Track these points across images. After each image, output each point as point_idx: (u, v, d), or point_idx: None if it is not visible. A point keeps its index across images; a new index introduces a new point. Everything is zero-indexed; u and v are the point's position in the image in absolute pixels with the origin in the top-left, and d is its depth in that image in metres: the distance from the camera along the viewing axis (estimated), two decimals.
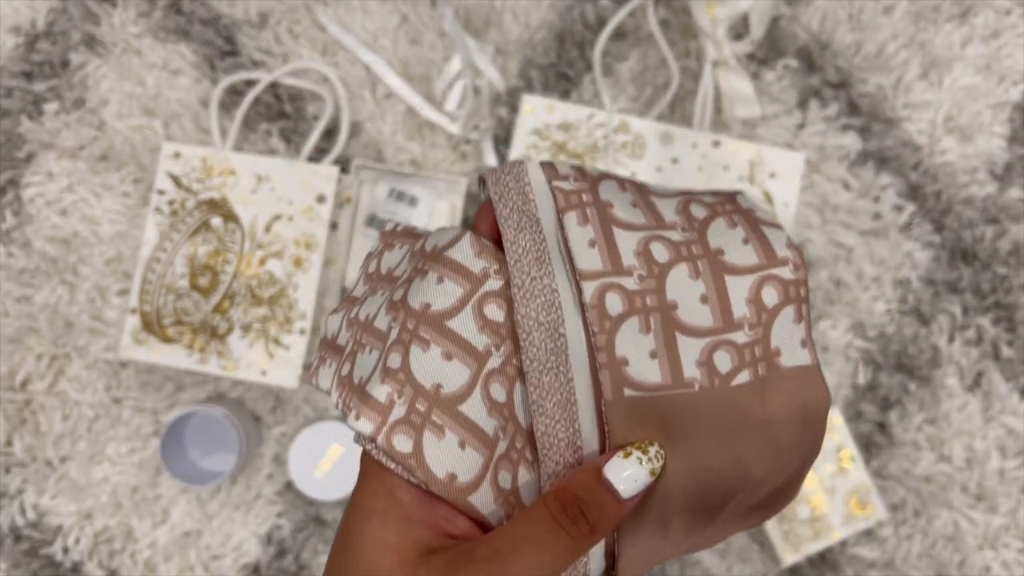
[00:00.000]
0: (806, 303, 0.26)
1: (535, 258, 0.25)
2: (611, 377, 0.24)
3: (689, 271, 0.25)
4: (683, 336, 0.25)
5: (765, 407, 0.24)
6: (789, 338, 0.25)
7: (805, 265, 0.26)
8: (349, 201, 0.77)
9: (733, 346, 0.25)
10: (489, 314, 0.25)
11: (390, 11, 0.80)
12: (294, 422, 0.78)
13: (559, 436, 0.24)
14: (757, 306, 0.25)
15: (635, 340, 0.24)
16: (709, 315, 0.25)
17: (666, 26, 0.80)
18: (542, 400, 0.24)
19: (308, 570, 0.77)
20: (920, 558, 0.76)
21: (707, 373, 0.25)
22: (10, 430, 0.78)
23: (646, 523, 0.25)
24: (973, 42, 0.80)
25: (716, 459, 0.24)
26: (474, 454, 0.25)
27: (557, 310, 0.25)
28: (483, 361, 0.25)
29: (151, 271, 0.74)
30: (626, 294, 0.25)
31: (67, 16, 0.81)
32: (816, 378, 0.25)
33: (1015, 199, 0.79)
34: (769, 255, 0.26)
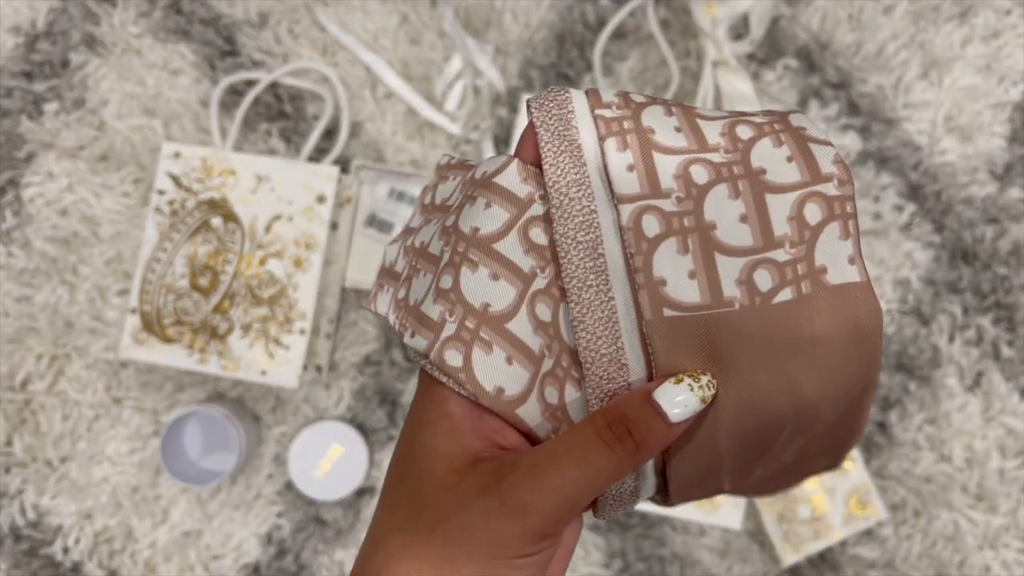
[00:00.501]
0: (853, 219, 0.25)
1: (574, 180, 0.25)
2: (650, 297, 0.24)
3: (728, 191, 0.25)
4: (722, 256, 0.25)
5: (812, 324, 0.24)
6: (835, 255, 0.25)
7: (852, 181, 0.26)
8: (349, 201, 0.77)
9: (774, 264, 0.24)
10: (534, 237, 0.26)
11: (390, 11, 0.80)
12: (294, 422, 0.78)
13: (601, 352, 0.25)
14: (799, 223, 0.25)
15: (673, 260, 0.25)
16: (749, 234, 0.25)
17: (666, 26, 0.80)
18: (583, 316, 0.25)
19: (308, 570, 0.77)
20: (920, 558, 0.76)
21: (747, 292, 0.24)
22: (10, 430, 0.78)
23: (695, 444, 0.25)
24: (973, 42, 0.80)
25: (762, 378, 0.24)
26: (520, 369, 0.25)
27: (596, 230, 0.25)
28: (528, 282, 0.25)
29: (151, 271, 0.74)
30: (663, 216, 0.25)
31: (67, 16, 0.81)
32: (867, 294, 0.25)
33: (1015, 199, 0.79)
34: (813, 172, 0.25)
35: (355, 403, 0.78)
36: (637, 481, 0.26)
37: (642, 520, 0.77)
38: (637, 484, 0.26)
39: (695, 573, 0.77)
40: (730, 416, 0.25)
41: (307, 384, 0.78)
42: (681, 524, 0.77)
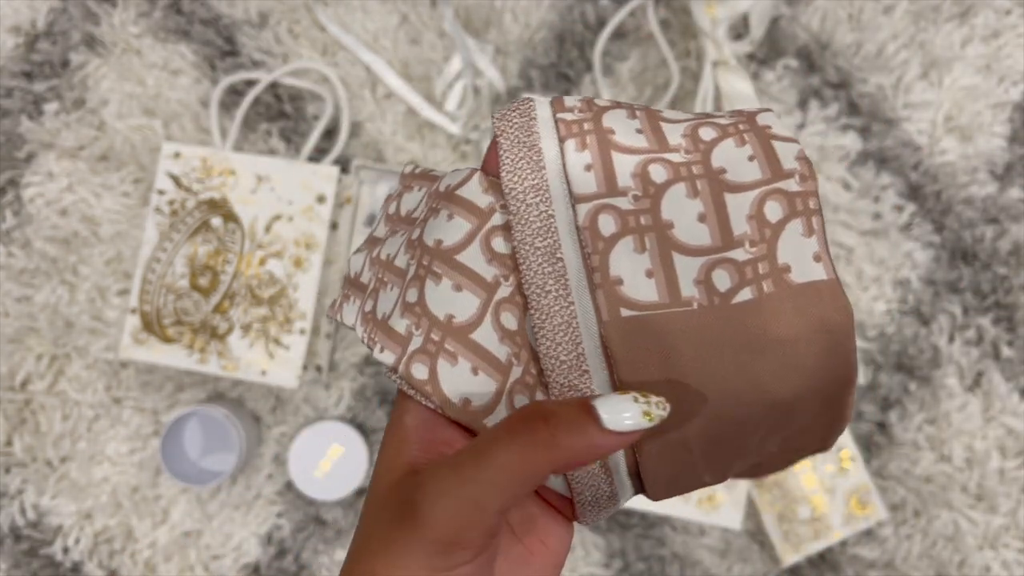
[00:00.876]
0: (817, 215, 0.25)
1: (532, 185, 0.25)
2: (606, 297, 0.24)
3: (687, 190, 0.25)
4: (680, 255, 0.24)
5: (777, 324, 0.24)
6: (799, 252, 0.24)
7: (814, 175, 0.25)
8: (349, 201, 0.77)
9: (733, 264, 0.24)
10: (496, 247, 0.26)
11: (390, 11, 0.80)
12: (294, 422, 0.78)
13: (562, 359, 0.24)
14: (759, 222, 0.24)
15: (630, 259, 0.24)
16: (707, 234, 0.24)
17: (666, 26, 0.80)
18: (542, 322, 0.25)
19: (308, 570, 0.77)
20: (920, 558, 0.76)
21: (706, 291, 0.24)
22: (10, 430, 0.78)
23: (664, 445, 0.25)
24: (973, 42, 0.80)
25: (729, 381, 0.24)
26: (487, 379, 0.25)
27: (553, 234, 0.25)
28: (492, 291, 0.25)
29: (151, 271, 0.74)
30: (620, 214, 0.25)
31: (67, 16, 0.81)
32: (834, 291, 0.24)
33: (1015, 199, 0.79)
34: (775, 169, 0.25)
35: (355, 403, 0.78)
36: (612, 485, 0.26)
37: (642, 520, 0.77)
38: (613, 488, 0.26)
39: (695, 573, 0.77)
40: (696, 415, 0.24)
41: (307, 384, 0.78)
42: (681, 524, 0.77)
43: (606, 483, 0.26)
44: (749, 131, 0.26)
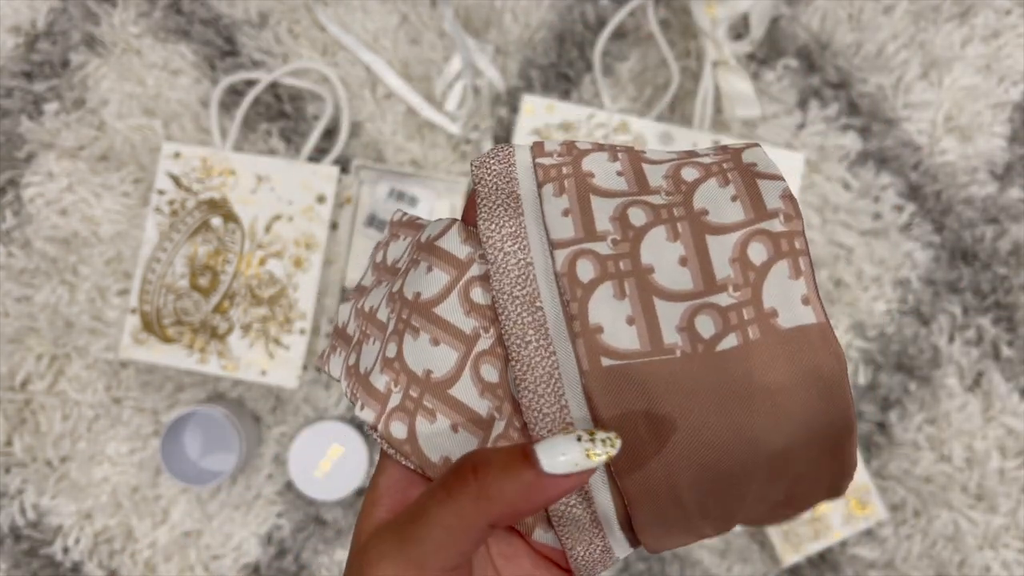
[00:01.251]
0: (804, 256, 0.24)
1: (510, 233, 0.25)
2: (587, 346, 0.23)
3: (667, 233, 0.24)
4: (661, 301, 0.23)
5: (765, 373, 0.23)
6: (786, 296, 0.23)
7: (800, 215, 0.24)
8: (349, 201, 0.77)
9: (716, 309, 0.23)
10: (475, 297, 0.25)
11: (390, 11, 0.80)
12: (294, 422, 0.78)
13: (544, 411, 0.24)
14: (743, 265, 0.23)
15: (610, 306, 0.24)
16: (689, 278, 0.24)
17: (666, 26, 0.80)
18: (524, 374, 0.24)
19: (308, 570, 0.77)
20: (920, 558, 0.76)
21: (689, 338, 0.23)
22: (10, 430, 0.78)
23: (653, 497, 0.24)
24: (973, 42, 0.80)
25: (716, 432, 0.23)
26: (467, 436, 0.25)
27: (532, 283, 0.24)
28: (471, 344, 0.25)
29: (151, 271, 0.74)
30: (598, 259, 0.24)
31: (67, 16, 0.81)
32: (825, 335, 0.23)
33: (1015, 199, 0.79)
34: (758, 209, 0.24)
35: None
36: (604, 540, 0.25)
37: None
38: (605, 543, 0.25)
39: (695, 573, 0.77)
40: (685, 468, 0.23)
41: (307, 384, 0.78)
42: None
43: (598, 537, 0.25)
44: (733, 170, 0.25)
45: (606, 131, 0.76)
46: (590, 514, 0.25)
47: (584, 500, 0.25)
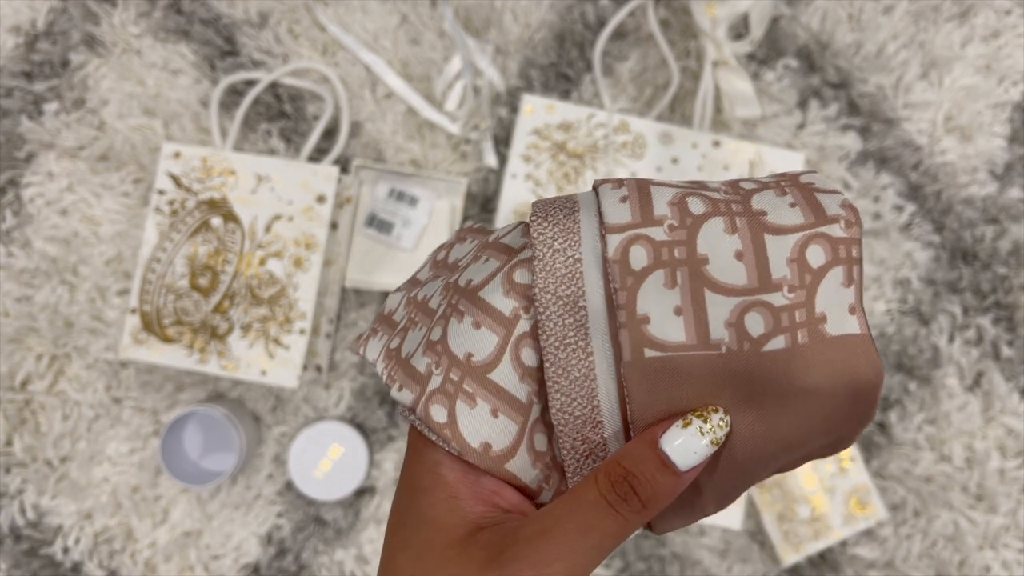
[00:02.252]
0: (858, 265, 0.24)
1: (561, 231, 0.25)
2: (631, 337, 0.23)
3: (725, 225, 0.24)
4: (712, 294, 0.23)
5: (806, 376, 0.23)
6: (837, 303, 0.23)
7: (860, 223, 0.24)
8: (349, 201, 0.77)
9: (768, 308, 0.23)
10: (516, 278, 0.25)
11: (390, 11, 0.80)
12: (294, 422, 0.78)
13: (576, 414, 0.24)
14: (800, 266, 0.23)
15: (659, 295, 0.23)
16: (744, 273, 0.23)
17: (666, 26, 0.80)
18: (558, 376, 0.24)
19: (308, 570, 0.77)
20: (920, 558, 0.76)
21: (736, 335, 0.23)
22: (10, 430, 0.78)
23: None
24: (973, 42, 0.80)
25: (743, 424, 0.23)
26: (507, 421, 0.25)
27: (578, 281, 0.24)
28: (511, 327, 0.25)
29: (151, 271, 0.74)
30: (653, 245, 0.24)
31: (67, 16, 0.81)
32: (867, 347, 0.23)
33: (1015, 199, 0.79)
34: (819, 215, 0.24)
35: (355, 403, 0.78)
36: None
37: None
38: None
39: (695, 573, 0.77)
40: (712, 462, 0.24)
41: (307, 384, 0.78)
42: None
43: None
44: (791, 185, 0.25)
45: (606, 131, 0.76)
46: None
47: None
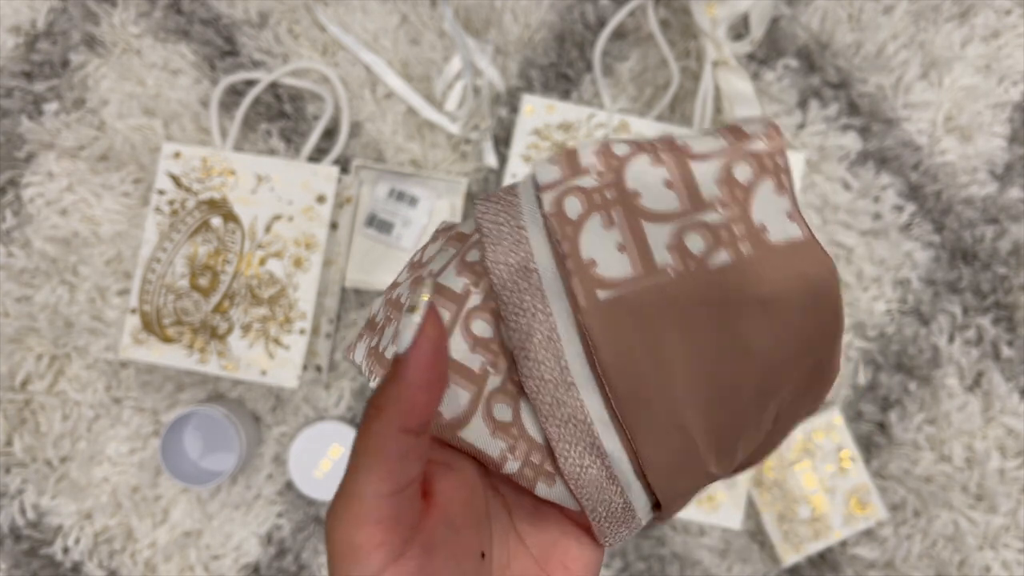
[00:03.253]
0: (786, 174, 0.24)
1: (503, 207, 0.26)
2: (581, 282, 0.24)
3: (651, 159, 0.24)
4: (649, 223, 0.24)
5: (759, 286, 0.23)
6: (774, 212, 0.24)
7: (781, 135, 0.25)
8: (349, 201, 0.77)
9: (705, 226, 0.24)
10: (469, 258, 0.26)
11: (390, 11, 0.80)
12: (294, 422, 0.78)
13: (545, 377, 0.24)
14: (730, 184, 0.24)
15: (600, 237, 0.24)
16: (676, 199, 0.24)
17: (666, 26, 0.80)
18: (522, 343, 0.24)
19: (308, 570, 0.77)
20: (920, 558, 0.76)
21: (679, 257, 0.23)
22: (10, 430, 0.78)
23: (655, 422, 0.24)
24: (973, 42, 0.80)
25: (710, 344, 0.23)
26: (458, 390, 0.25)
27: (525, 246, 0.24)
28: (462, 302, 0.25)
29: (151, 271, 0.74)
30: (584, 193, 0.24)
31: (67, 16, 0.81)
32: (813, 248, 0.24)
33: (1015, 199, 0.79)
34: (739, 136, 0.25)
35: (355, 403, 0.78)
36: (624, 496, 0.25)
37: None
38: (626, 498, 0.25)
39: (695, 573, 0.77)
40: (685, 386, 0.24)
41: (307, 384, 0.78)
42: (681, 524, 0.77)
43: (616, 493, 0.25)
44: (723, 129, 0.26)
45: (606, 131, 0.76)
46: (605, 470, 0.25)
47: (596, 455, 0.25)
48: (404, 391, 0.21)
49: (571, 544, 0.26)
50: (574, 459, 0.25)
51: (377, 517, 0.21)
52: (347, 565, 0.21)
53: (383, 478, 0.21)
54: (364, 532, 0.21)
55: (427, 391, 0.21)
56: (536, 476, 0.25)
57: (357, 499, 0.21)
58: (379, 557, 0.21)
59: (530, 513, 0.27)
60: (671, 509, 0.26)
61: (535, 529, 0.26)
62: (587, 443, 0.25)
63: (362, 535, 0.21)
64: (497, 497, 0.27)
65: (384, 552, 0.21)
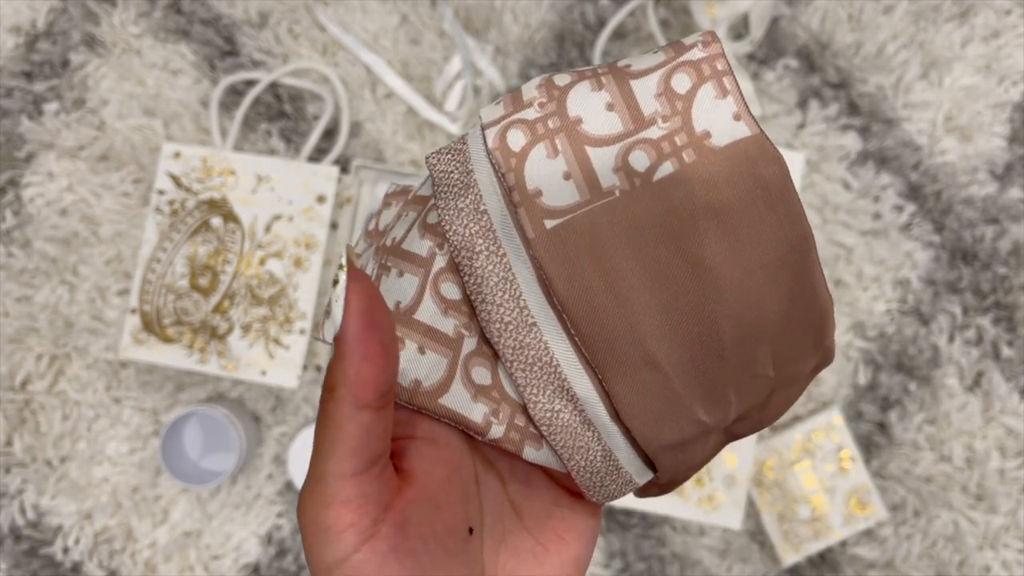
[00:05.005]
0: (728, 76, 0.24)
1: (452, 156, 0.25)
2: (528, 213, 0.23)
3: (591, 86, 0.24)
4: (593, 148, 0.24)
5: (706, 191, 0.22)
6: (717, 116, 0.23)
7: (718, 41, 0.24)
8: (349, 201, 0.77)
9: (647, 143, 0.23)
10: (430, 220, 0.25)
11: (390, 11, 0.80)
12: (294, 422, 0.78)
13: (506, 319, 0.24)
14: (669, 96, 0.24)
15: (545, 167, 0.24)
16: (618, 120, 0.24)
17: (666, 26, 0.80)
18: (478, 288, 0.24)
19: (308, 570, 0.77)
20: (920, 558, 0.76)
21: (625, 176, 0.23)
22: (10, 430, 0.78)
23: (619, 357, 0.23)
24: (973, 42, 0.80)
25: (668, 266, 0.23)
26: (435, 356, 0.24)
27: (474, 188, 0.24)
28: (429, 265, 0.25)
29: (151, 271, 0.74)
30: (527, 125, 0.24)
31: (67, 16, 0.81)
32: (761, 145, 0.23)
33: (1015, 199, 0.79)
34: (678, 49, 0.24)
35: None
36: (602, 442, 0.24)
37: (642, 520, 0.77)
38: (604, 445, 0.24)
39: (695, 573, 0.77)
40: (645, 312, 0.23)
41: (307, 384, 0.78)
42: (681, 524, 0.77)
43: (592, 439, 0.24)
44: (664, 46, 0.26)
45: None
46: (578, 414, 0.24)
47: (567, 399, 0.24)
48: (348, 367, 0.21)
49: (564, 513, 0.26)
50: (543, 403, 0.24)
51: (344, 497, 0.21)
52: (319, 547, 0.21)
53: (344, 457, 0.21)
54: (331, 513, 0.21)
55: (373, 362, 0.21)
56: (522, 439, 0.24)
57: (322, 481, 0.21)
58: (349, 537, 0.21)
59: (523, 485, 0.26)
60: (663, 464, 0.25)
61: (529, 501, 0.26)
62: (556, 386, 0.24)
63: (330, 516, 0.21)
64: (491, 471, 0.26)
65: (354, 532, 0.21)
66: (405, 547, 0.21)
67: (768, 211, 0.23)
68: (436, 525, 0.23)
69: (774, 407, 0.26)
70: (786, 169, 0.23)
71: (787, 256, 0.23)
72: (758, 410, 0.26)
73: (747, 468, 0.73)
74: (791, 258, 0.23)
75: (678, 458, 0.25)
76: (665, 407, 0.24)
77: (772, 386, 0.25)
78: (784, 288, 0.23)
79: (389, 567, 0.21)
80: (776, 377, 0.25)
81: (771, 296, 0.23)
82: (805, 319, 0.24)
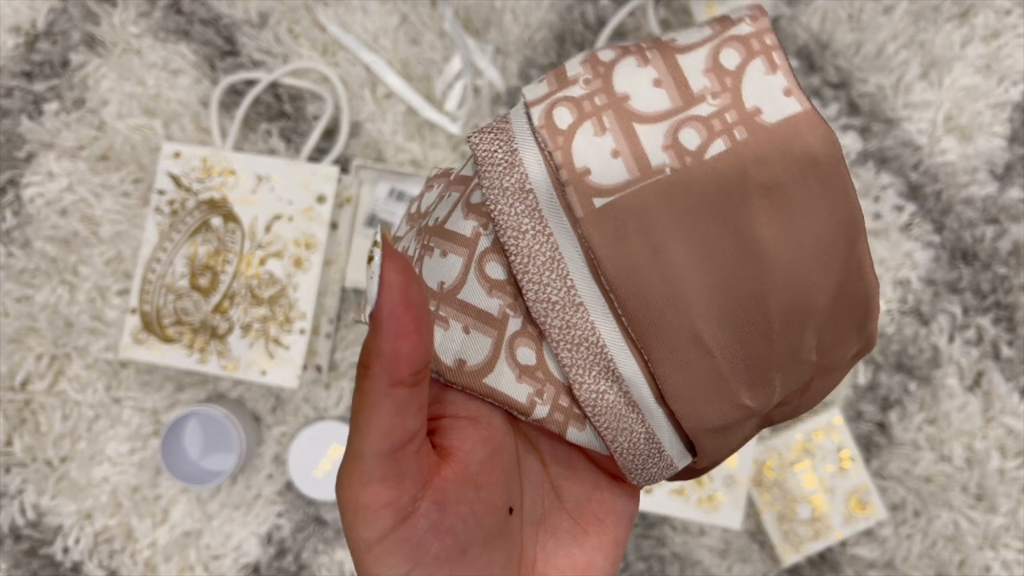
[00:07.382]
0: (778, 50, 0.23)
1: (496, 136, 0.25)
2: (576, 192, 0.23)
3: (637, 61, 0.24)
4: (641, 125, 0.23)
5: (759, 169, 0.22)
6: (767, 91, 0.23)
7: (766, 15, 0.24)
8: (349, 201, 0.77)
9: (698, 120, 0.23)
10: (474, 199, 0.25)
11: (390, 11, 0.80)
12: (294, 422, 0.78)
13: (552, 299, 0.23)
14: (718, 72, 0.23)
15: (593, 145, 0.23)
16: (666, 97, 0.23)
17: (666, 26, 0.80)
18: (524, 267, 0.23)
19: (308, 570, 0.77)
20: (920, 558, 0.76)
21: (676, 154, 0.23)
22: (10, 430, 0.78)
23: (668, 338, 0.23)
24: (973, 42, 0.80)
25: (715, 242, 0.22)
26: (480, 336, 0.24)
27: (520, 167, 0.24)
28: (473, 246, 0.25)
29: (151, 271, 0.74)
30: (573, 102, 0.24)
31: (67, 16, 0.81)
32: (812, 121, 0.22)
33: (1015, 199, 0.79)
34: (724, 23, 0.24)
35: None
36: (645, 424, 0.24)
37: (642, 520, 0.77)
38: (648, 427, 0.24)
39: (695, 573, 0.77)
40: (694, 292, 0.23)
41: (307, 384, 0.78)
42: (681, 524, 0.77)
43: (636, 421, 0.24)
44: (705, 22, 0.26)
45: None
46: (623, 396, 0.24)
47: (612, 379, 0.24)
48: (383, 344, 0.21)
49: (604, 497, 0.26)
50: (589, 384, 0.24)
51: (381, 475, 0.21)
52: (357, 526, 0.21)
53: (382, 436, 0.21)
54: (369, 492, 0.21)
55: (407, 338, 0.21)
56: (567, 420, 0.24)
57: (359, 459, 0.21)
58: (387, 515, 0.21)
59: (565, 467, 0.26)
60: (704, 448, 0.24)
61: (569, 483, 0.26)
62: (601, 367, 0.24)
63: (367, 495, 0.21)
64: (532, 452, 0.26)
65: (392, 510, 0.21)
66: (444, 525, 0.21)
67: (820, 188, 0.22)
68: (475, 504, 0.23)
69: (813, 394, 0.26)
70: (838, 146, 0.23)
71: (837, 235, 0.23)
72: (797, 396, 0.26)
73: (747, 468, 0.73)
74: (841, 237, 0.23)
75: (719, 441, 0.25)
76: (711, 390, 0.24)
77: (813, 372, 0.25)
78: (833, 269, 0.23)
79: (428, 544, 0.21)
80: (818, 363, 0.25)
81: (821, 278, 0.23)
82: (851, 302, 0.24)
